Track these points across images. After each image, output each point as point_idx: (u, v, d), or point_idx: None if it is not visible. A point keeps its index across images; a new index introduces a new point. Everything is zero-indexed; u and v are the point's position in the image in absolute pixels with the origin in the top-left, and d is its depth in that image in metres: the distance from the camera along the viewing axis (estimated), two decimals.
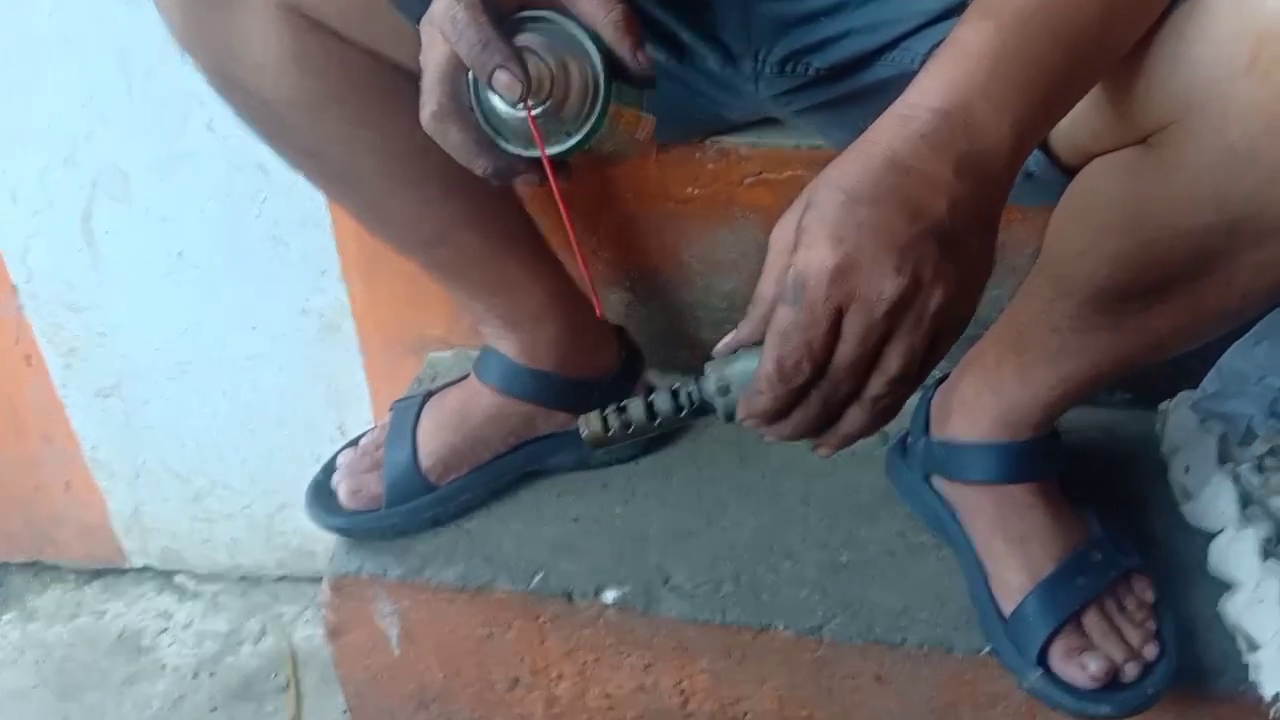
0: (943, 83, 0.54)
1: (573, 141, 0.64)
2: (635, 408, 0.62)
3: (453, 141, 0.64)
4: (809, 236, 0.53)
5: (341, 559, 0.97)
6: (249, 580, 1.47)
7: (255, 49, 0.78)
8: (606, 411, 0.63)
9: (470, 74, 0.62)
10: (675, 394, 0.61)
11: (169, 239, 1.19)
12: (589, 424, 0.63)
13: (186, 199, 1.16)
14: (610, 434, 0.63)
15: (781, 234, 0.55)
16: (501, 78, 0.60)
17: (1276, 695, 0.82)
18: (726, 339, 0.58)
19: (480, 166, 0.65)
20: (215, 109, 0.85)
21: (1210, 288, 0.68)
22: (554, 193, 0.65)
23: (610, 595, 0.93)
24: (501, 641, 0.97)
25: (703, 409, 0.61)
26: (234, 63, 0.80)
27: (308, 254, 1.16)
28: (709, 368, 0.60)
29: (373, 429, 1.03)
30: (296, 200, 1.12)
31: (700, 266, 1.08)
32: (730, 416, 0.60)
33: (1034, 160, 0.75)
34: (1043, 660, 0.82)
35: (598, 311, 0.75)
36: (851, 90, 0.85)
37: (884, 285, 0.52)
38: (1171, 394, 1.04)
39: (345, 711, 1.08)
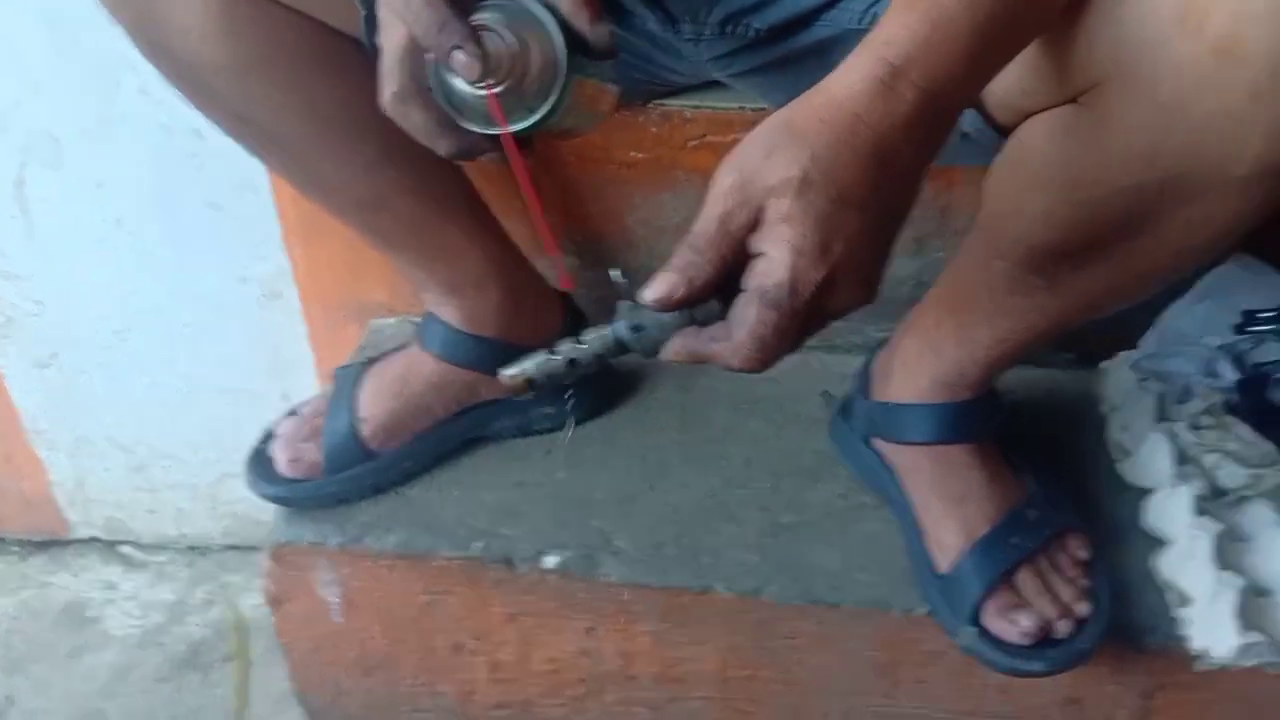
0: (918, 46, 0.55)
1: (535, 118, 0.64)
2: (560, 349, 0.63)
3: (414, 123, 0.64)
4: (798, 238, 0.54)
5: (281, 528, 0.96)
6: (196, 550, 1.46)
7: (179, 12, 0.76)
8: (527, 358, 0.63)
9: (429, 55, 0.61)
10: (594, 338, 0.62)
11: (104, 206, 1.17)
12: (509, 372, 0.63)
13: (121, 165, 1.14)
14: (532, 379, 0.63)
15: (740, 185, 0.55)
16: (460, 58, 0.59)
17: (1206, 650, 0.83)
18: (658, 287, 0.58)
19: (443, 147, 0.65)
20: (147, 73, 0.83)
21: (1143, 246, 0.68)
22: (517, 170, 0.64)
23: (551, 560, 0.92)
24: (443, 608, 0.97)
25: (620, 349, 0.61)
26: (158, 27, 0.78)
27: (246, 220, 1.14)
28: (624, 309, 0.61)
29: (313, 398, 1.02)
30: (233, 165, 1.09)
31: (644, 231, 1.07)
32: (649, 353, 0.60)
33: (969, 120, 0.74)
34: (976, 618, 0.82)
35: (565, 284, 0.74)
36: (791, 51, 0.85)
37: (855, 298, 0.58)
38: (1111, 353, 1.05)
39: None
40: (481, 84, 0.61)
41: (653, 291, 0.58)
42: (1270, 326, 0.97)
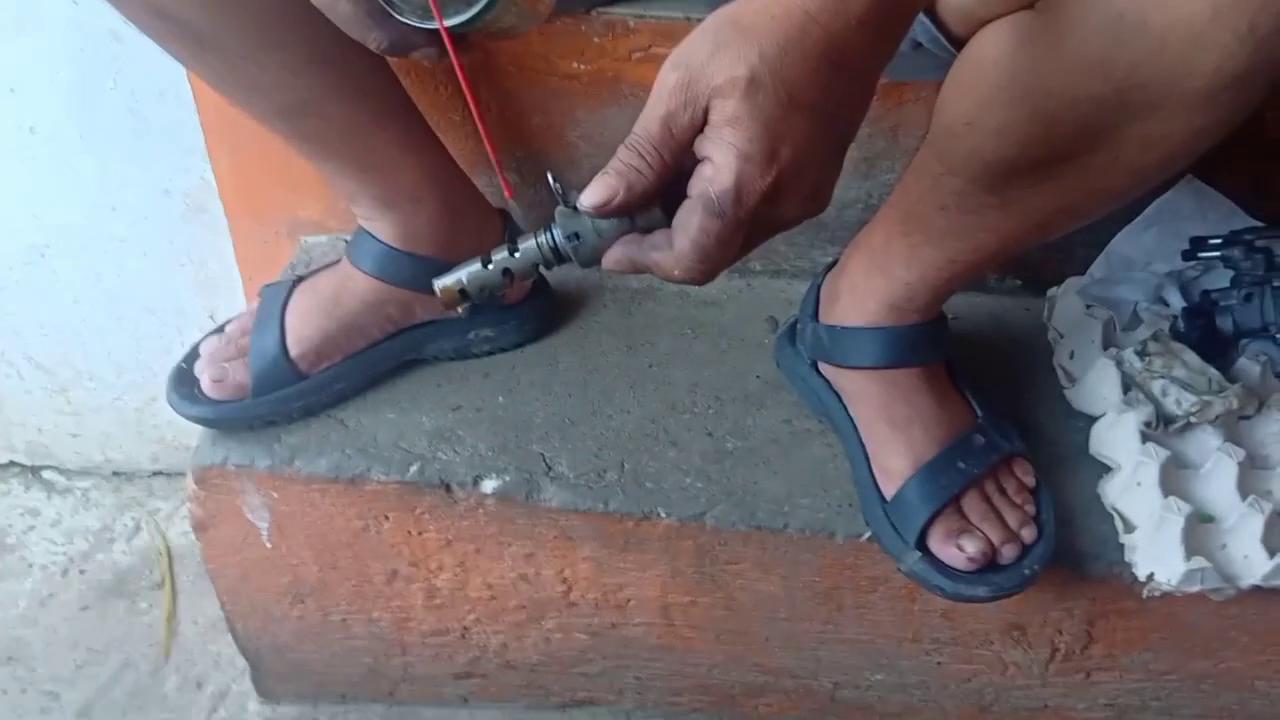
0: None
1: (472, 11, 0.61)
2: (494, 258, 0.60)
3: (342, 13, 0.60)
4: (744, 143, 0.52)
5: (206, 450, 0.92)
6: (122, 476, 1.42)
7: None
8: (458, 268, 0.61)
9: None
10: (529, 246, 0.59)
11: (18, 112, 1.10)
12: (441, 281, 0.61)
13: (35, 68, 1.07)
14: (465, 289, 0.60)
15: (685, 84, 0.53)
16: None
17: (1150, 575, 0.83)
18: (596, 192, 0.55)
19: (374, 40, 0.61)
20: None
21: (1097, 164, 0.66)
22: (455, 67, 0.61)
23: (490, 485, 0.90)
24: (378, 534, 0.94)
25: (556, 258, 0.59)
26: None
27: (168, 129, 1.09)
28: (561, 216, 0.58)
29: (238, 315, 0.98)
30: (154, 70, 1.04)
31: (587, 148, 1.03)
32: (587, 263, 0.59)
33: (922, 31, 0.72)
34: (922, 543, 0.82)
35: (507, 193, 0.72)
36: None
37: (802, 209, 0.56)
38: (1060, 280, 1.04)
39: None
40: None
41: (590, 196, 0.56)
42: (1218, 253, 0.96)
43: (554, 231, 0.59)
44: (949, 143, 0.71)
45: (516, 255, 0.60)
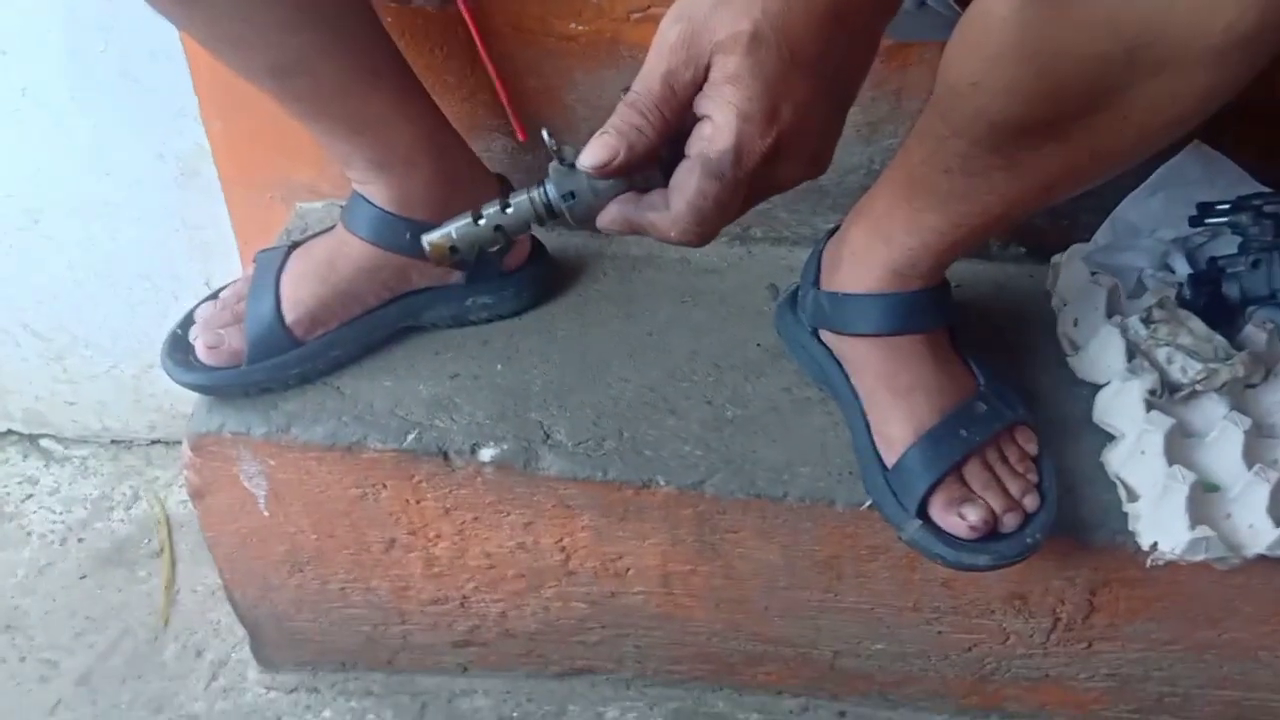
0: None
1: None
2: (486, 214, 0.59)
3: None
4: (745, 102, 0.51)
5: (201, 417, 0.91)
6: (120, 444, 1.41)
7: None
8: (449, 223, 0.60)
9: None
10: (521, 201, 0.58)
11: (9, 73, 1.09)
12: (431, 237, 0.60)
13: (26, 30, 1.06)
14: (455, 246, 0.59)
15: (687, 39, 0.52)
16: None
17: (1154, 544, 0.82)
18: (596, 152, 0.54)
19: None
20: None
21: (1105, 124, 0.65)
22: (463, 11, 0.60)
23: (488, 453, 0.89)
24: (375, 502, 0.93)
25: (550, 215, 0.58)
26: None
27: (161, 92, 1.07)
28: (556, 172, 0.57)
29: (234, 281, 0.97)
30: (146, 30, 1.02)
31: (585, 111, 1.02)
32: (581, 222, 0.58)
33: None
34: (923, 511, 0.81)
35: (520, 135, 0.70)
36: None
37: (801, 172, 0.56)
38: (1064, 247, 1.02)
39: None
40: None
41: (590, 156, 0.54)
42: (1225, 219, 0.95)
43: (548, 188, 0.57)
44: (953, 103, 0.70)
45: (509, 211, 0.59)
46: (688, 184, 0.53)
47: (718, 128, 0.52)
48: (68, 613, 1.20)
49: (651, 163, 0.55)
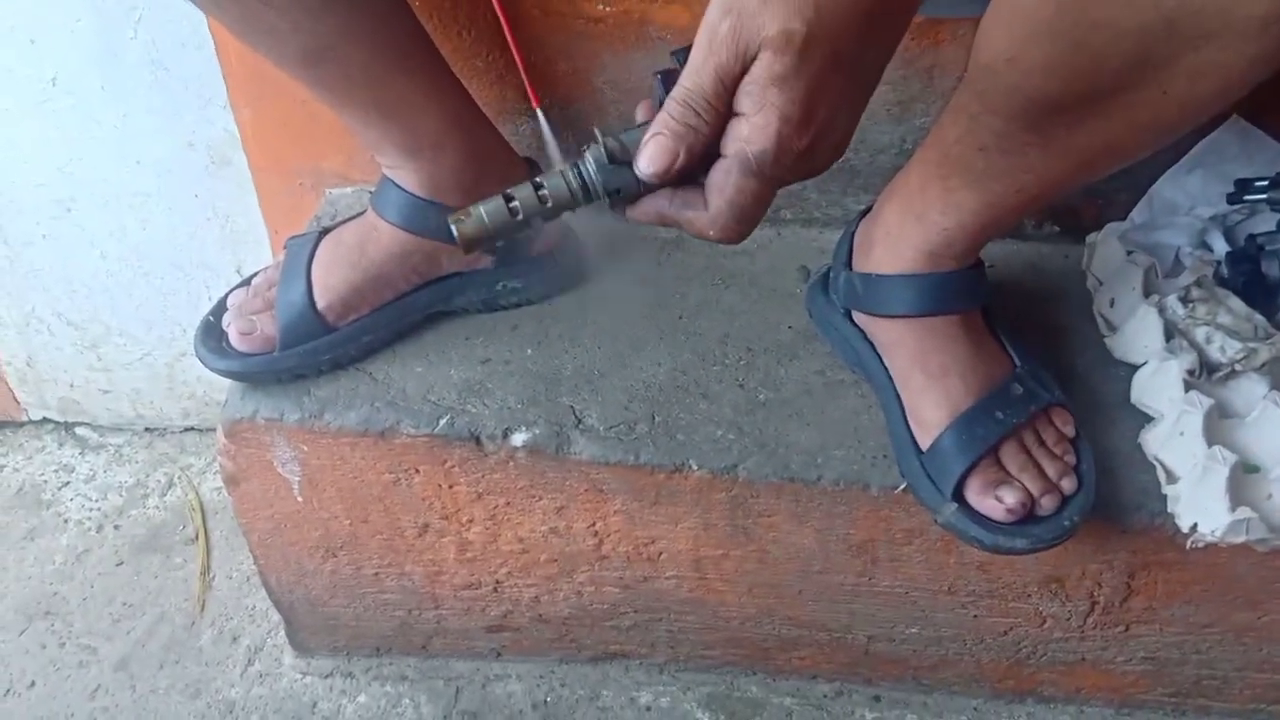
0: None
1: None
2: (518, 196, 0.59)
3: None
4: (787, 104, 0.51)
5: (235, 404, 0.92)
6: (154, 431, 1.42)
7: None
8: (479, 204, 0.59)
9: None
10: (556, 186, 0.58)
11: (39, 63, 1.09)
12: (459, 217, 0.59)
13: (54, 18, 1.06)
14: (485, 228, 0.59)
15: (736, 33, 0.51)
16: None
17: (1194, 526, 0.81)
18: (656, 158, 0.54)
19: None
20: None
21: (1145, 98, 0.63)
22: None
23: (520, 438, 0.89)
24: (408, 487, 0.94)
25: (585, 199, 0.58)
26: None
27: (190, 81, 1.07)
28: (591, 159, 0.57)
29: (265, 268, 0.97)
30: (175, 19, 1.03)
31: (614, 94, 1.01)
32: (614, 210, 0.58)
33: None
34: (959, 494, 0.80)
35: (534, 101, 0.70)
36: None
37: (826, 161, 0.57)
38: (1099, 226, 1.01)
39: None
40: None
41: (651, 164, 0.54)
42: (1264, 196, 0.93)
43: (585, 172, 0.57)
44: (988, 80, 0.69)
45: (543, 193, 0.58)
46: (727, 184, 0.53)
47: (756, 128, 0.52)
48: (105, 599, 1.22)
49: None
